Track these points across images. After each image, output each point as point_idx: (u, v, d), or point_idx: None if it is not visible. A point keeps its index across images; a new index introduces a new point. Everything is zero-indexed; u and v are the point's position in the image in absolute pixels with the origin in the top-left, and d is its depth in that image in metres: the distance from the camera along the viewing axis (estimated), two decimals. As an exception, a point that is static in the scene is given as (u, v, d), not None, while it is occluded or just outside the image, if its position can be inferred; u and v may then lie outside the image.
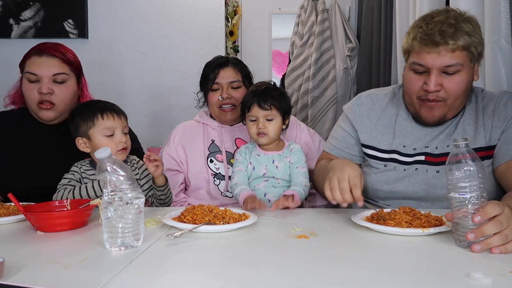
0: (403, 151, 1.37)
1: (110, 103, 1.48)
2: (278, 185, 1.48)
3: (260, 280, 0.74)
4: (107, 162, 0.93)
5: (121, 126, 1.42)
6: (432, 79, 1.22)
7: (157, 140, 2.89)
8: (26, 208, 1.15)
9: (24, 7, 2.86)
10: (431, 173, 1.33)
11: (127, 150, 1.44)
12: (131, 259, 0.85)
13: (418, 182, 1.34)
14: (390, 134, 1.40)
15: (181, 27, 2.94)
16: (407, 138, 1.37)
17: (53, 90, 1.57)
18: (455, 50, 1.19)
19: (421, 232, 0.97)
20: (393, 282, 0.73)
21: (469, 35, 1.19)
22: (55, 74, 1.58)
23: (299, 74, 3.05)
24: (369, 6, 2.76)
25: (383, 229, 1.01)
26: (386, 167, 1.39)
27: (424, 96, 1.26)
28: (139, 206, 0.94)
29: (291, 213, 1.28)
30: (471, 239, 0.87)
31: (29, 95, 1.57)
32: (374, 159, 1.41)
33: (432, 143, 1.35)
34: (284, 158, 1.49)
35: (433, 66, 1.22)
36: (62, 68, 1.60)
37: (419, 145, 1.36)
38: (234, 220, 1.08)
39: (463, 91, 1.25)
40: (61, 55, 1.61)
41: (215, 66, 1.73)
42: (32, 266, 0.82)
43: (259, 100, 1.45)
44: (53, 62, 1.59)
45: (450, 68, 1.21)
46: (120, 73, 2.94)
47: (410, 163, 1.36)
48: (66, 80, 1.61)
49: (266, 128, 1.45)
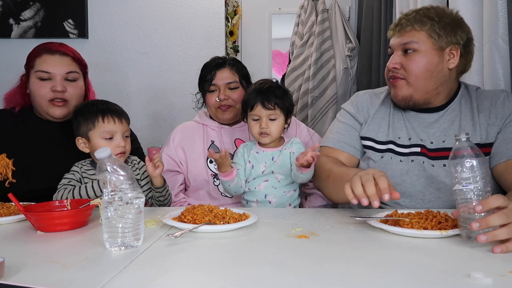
0: (399, 142, 1.41)
1: (114, 105, 1.46)
2: (278, 185, 1.47)
3: (260, 280, 0.74)
4: (107, 162, 0.93)
5: (122, 131, 1.41)
6: (392, 57, 1.38)
7: (157, 140, 2.89)
8: (26, 208, 1.15)
9: (24, 7, 2.86)
10: (427, 165, 1.35)
11: (126, 155, 1.43)
12: (131, 259, 0.85)
13: (415, 174, 1.36)
14: (386, 126, 1.45)
15: (181, 27, 2.94)
16: (402, 130, 1.42)
17: (66, 88, 1.60)
18: (411, 30, 1.33)
19: (439, 234, 0.96)
20: (393, 282, 0.73)
21: (430, 19, 1.32)
22: (68, 72, 1.61)
23: (299, 74, 3.05)
24: (369, 6, 2.76)
25: (400, 231, 0.99)
26: (383, 158, 1.41)
27: (390, 75, 1.38)
28: (139, 206, 0.94)
29: (291, 213, 1.28)
30: (475, 229, 0.87)
31: (40, 92, 1.58)
32: (371, 150, 1.44)
33: (426, 135, 1.38)
34: (284, 151, 1.47)
35: (393, 45, 1.38)
36: (73, 66, 1.63)
37: (414, 137, 1.39)
38: (234, 220, 1.08)
39: (423, 71, 1.33)
40: (72, 54, 1.65)
41: (212, 67, 1.73)
42: (32, 266, 0.82)
43: (262, 99, 1.42)
44: (66, 60, 1.62)
45: (407, 46, 1.33)
46: (120, 73, 2.93)
47: (406, 154, 1.38)
48: (77, 79, 1.64)
49: (269, 128, 1.44)
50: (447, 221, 1.01)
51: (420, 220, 1.01)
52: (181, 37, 2.94)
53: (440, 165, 1.34)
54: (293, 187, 1.51)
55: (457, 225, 0.99)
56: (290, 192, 1.49)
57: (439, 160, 1.34)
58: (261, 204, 1.48)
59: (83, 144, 1.42)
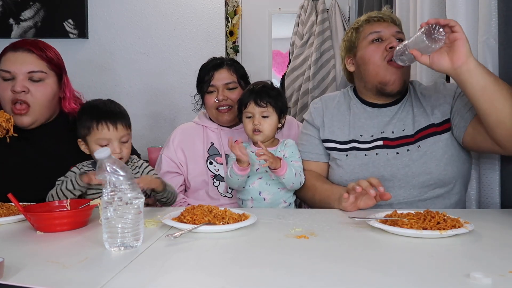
0: (361, 139, 1.47)
1: (113, 108, 1.43)
2: (272, 182, 1.48)
3: (260, 280, 0.74)
4: (107, 162, 0.93)
5: (117, 137, 1.38)
6: (388, 40, 1.44)
7: (157, 140, 2.90)
8: (26, 208, 1.15)
9: (24, 7, 2.86)
10: (391, 155, 1.41)
11: (123, 160, 1.41)
12: (130, 259, 0.85)
13: (381, 165, 1.41)
14: (346, 127, 1.51)
15: (181, 27, 2.94)
16: (363, 128, 1.48)
17: (28, 88, 1.44)
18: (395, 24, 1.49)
19: (439, 234, 0.96)
20: (392, 282, 0.73)
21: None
22: (30, 71, 1.45)
23: (299, 74, 3.06)
24: (369, 6, 2.76)
25: (399, 232, 0.99)
26: (348, 157, 1.47)
27: (389, 55, 1.41)
28: (138, 206, 0.94)
29: (290, 214, 1.28)
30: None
31: (3, 95, 1.44)
32: (335, 151, 1.50)
33: (387, 128, 1.45)
34: (278, 153, 1.49)
35: (386, 34, 1.45)
36: (38, 65, 1.47)
37: (375, 132, 1.46)
38: (233, 220, 1.08)
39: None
40: (39, 52, 1.48)
41: (209, 68, 1.73)
42: (32, 266, 0.82)
43: (255, 97, 1.46)
44: (29, 58, 1.46)
45: (399, 35, 1.46)
46: (120, 73, 2.94)
47: (370, 148, 1.45)
48: (43, 79, 1.48)
49: (262, 125, 1.46)
50: (446, 222, 1.00)
51: (419, 221, 1.01)
52: (181, 37, 2.94)
53: (404, 150, 1.41)
54: None
55: (456, 225, 0.99)
56: (284, 189, 1.49)
57: (402, 146, 1.41)
58: (256, 201, 1.48)
59: (84, 146, 1.43)
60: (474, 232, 1.00)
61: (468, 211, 1.39)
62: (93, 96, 1.70)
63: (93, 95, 1.74)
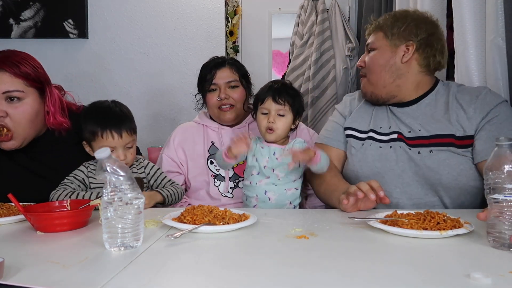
0: (380, 130, 1.50)
1: (118, 113, 1.42)
2: (279, 183, 1.47)
3: (260, 281, 0.74)
4: (107, 162, 0.93)
5: (122, 145, 1.39)
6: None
7: (157, 140, 2.89)
8: (26, 208, 1.15)
9: (24, 7, 2.86)
10: (404, 149, 1.42)
11: (128, 165, 1.41)
12: (130, 259, 0.85)
13: (394, 159, 1.43)
14: (368, 117, 1.55)
15: (181, 27, 2.94)
16: (383, 120, 1.51)
17: (6, 112, 1.35)
18: (372, 31, 1.52)
19: (439, 235, 0.96)
20: (392, 282, 0.73)
21: (388, 17, 1.49)
22: (5, 91, 1.34)
23: (299, 74, 3.05)
24: (369, 6, 2.75)
25: (399, 232, 0.99)
26: (363, 146, 1.50)
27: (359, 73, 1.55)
28: (138, 206, 0.94)
29: (290, 214, 1.28)
30: None
31: None
32: (353, 138, 1.54)
33: (404, 127, 1.46)
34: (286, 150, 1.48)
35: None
36: (14, 84, 1.35)
37: (394, 126, 1.48)
38: (234, 220, 1.08)
39: (375, 66, 1.48)
40: (12, 68, 1.35)
41: (211, 67, 1.73)
42: (32, 266, 0.82)
43: (274, 94, 1.46)
44: (3, 77, 1.34)
45: (369, 46, 1.51)
46: (120, 73, 2.93)
47: (386, 141, 1.47)
48: (21, 98, 1.36)
49: (276, 123, 1.45)
50: (446, 222, 1.01)
51: (419, 221, 1.01)
52: (181, 37, 2.94)
53: (415, 152, 1.41)
54: (295, 185, 1.50)
55: (456, 225, 0.99)
56: (291, 190, 1.48)
57: (416, 147, 1.41)
58: (260, 200, 1.47)
59: (88, 148, 1.43)
60: (474, 232, 1.00)
61: (468, 211, 1.39)
62: (93, 96, 1.71)
63: (93, 95, 1.75)
